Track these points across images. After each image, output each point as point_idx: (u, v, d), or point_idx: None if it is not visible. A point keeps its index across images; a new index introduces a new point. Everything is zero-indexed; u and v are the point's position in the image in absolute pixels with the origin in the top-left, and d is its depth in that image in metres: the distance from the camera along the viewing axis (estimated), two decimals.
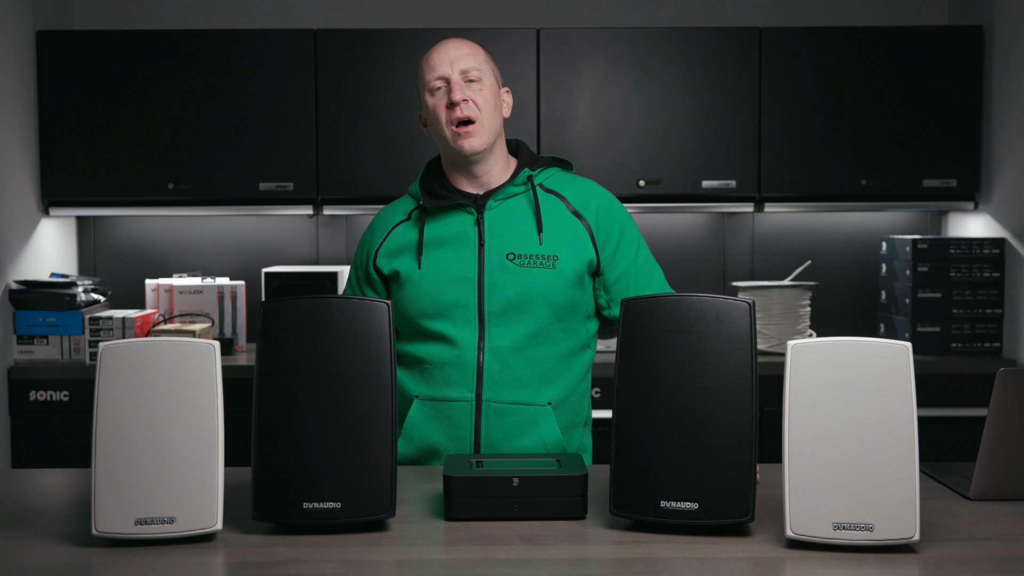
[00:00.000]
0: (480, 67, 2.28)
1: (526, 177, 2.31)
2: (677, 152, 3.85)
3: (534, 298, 2.23)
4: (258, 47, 3.81)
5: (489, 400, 2.22)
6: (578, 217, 2.29)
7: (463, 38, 2.32)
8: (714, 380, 1.74)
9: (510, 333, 2.23)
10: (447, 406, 2.24)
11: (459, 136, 2.25)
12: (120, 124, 3.81)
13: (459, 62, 2.26)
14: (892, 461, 1.66)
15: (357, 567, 1.62)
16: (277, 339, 1.77)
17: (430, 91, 2.28)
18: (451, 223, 2.29)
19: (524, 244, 2.25)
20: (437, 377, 2.25)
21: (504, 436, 2.23)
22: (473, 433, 2.23)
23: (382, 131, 3.82)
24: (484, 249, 2.25)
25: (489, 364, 2.22)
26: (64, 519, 1.87)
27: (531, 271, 2.24)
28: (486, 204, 2.28)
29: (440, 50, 2.29)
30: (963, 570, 1.60)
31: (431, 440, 2.25)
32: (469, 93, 2.26)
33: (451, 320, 2.24)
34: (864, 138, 3.85)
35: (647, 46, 3.83)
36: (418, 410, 2.26)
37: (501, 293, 2.23)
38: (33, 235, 3.80)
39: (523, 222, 2.27)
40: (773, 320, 3.76)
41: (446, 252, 2.26)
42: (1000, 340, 3.82)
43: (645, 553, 1.68)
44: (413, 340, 2.29)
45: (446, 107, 2.26)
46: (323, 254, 4.19)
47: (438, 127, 2.28)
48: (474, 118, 2.25)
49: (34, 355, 3.68)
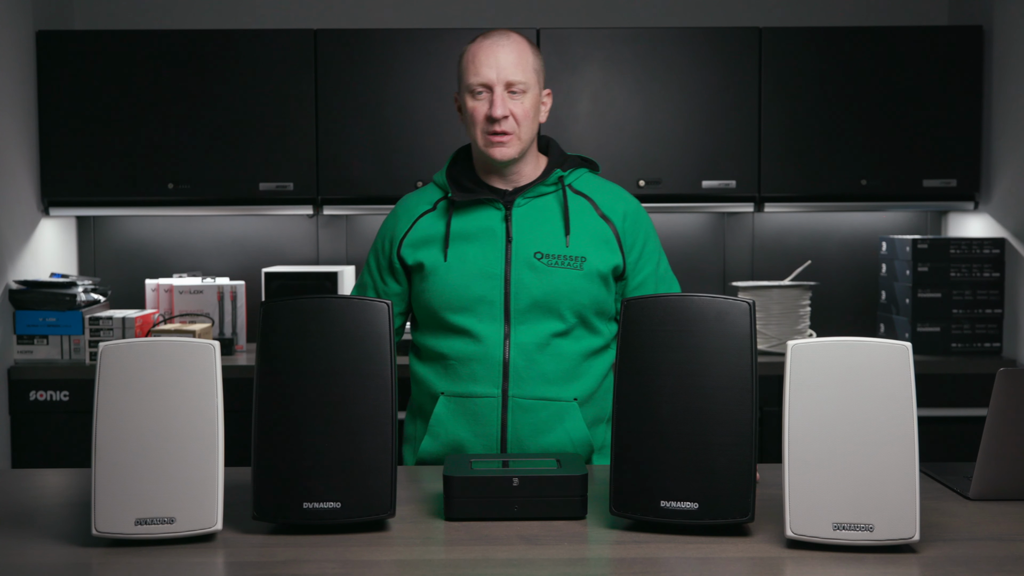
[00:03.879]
0: (526, 79, 2.25)
1: (557, 178, 2.31)
2: (677, 152, 3.85)
3: (560, 298, 2.24)
4: (258, 47, 3.81)
5: (515, 396, 2.23)
6: (606, 221, 2.31)
7: (511, 36, 2.27)
8: (714, 380, 1.74)
9: (535, 330, 2.24)
10: (473, 402, 2.24)
11: (492, 144, 2.25)
12: (120, 124, 3.81)
13: (506, 72, 2.23)
14: (892, 461, 1.66)
15: (357, 567, 1.62)
16: (277, 339, 1.77)
17: (471, 92, 2.26)
18: (478, 217, 2.29)
19: (552, 244, 2.26)
20: (463, 373, 2.25)
21: (531, 432, 2.24)
22: (500, 429, 2.24)
23: (382, 131, 3.82)
24: (511, 246, 2.25)
25: (515, 360, 2.23)
26: (64, 519, 1.87)
27: (559, 271, 2.24)
28: (515, 201, 2.29)
29: (489, 53, 2.25)
30: (963, 570, 1.60)
31: (457, 436, 2.25)
32: (510, 105, 2.24)
33: (476, 315, 2.24)
34: (864, 138, 3.85)
35: (647, 46, 3.83)
36: (444, 407, 2.26)
37: (528, 291, 2.24)
38: (33, 235, 3.80)
39: (551, 222, 2.28)
40: (773, 320, 3.76)
41: (473, 247, 2.26)
42: (1000, 340, 3.82)
43: (645, 553, 1.68)
44: (436, 334, 2.29)
45: (484, 116, 2.25)
46: (323, 254, 4.19)
47: (472, 129, 2.28)
48: (511, 131, 2.25)
49: (34, 355, 3.68)
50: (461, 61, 2.29)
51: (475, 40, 2.29)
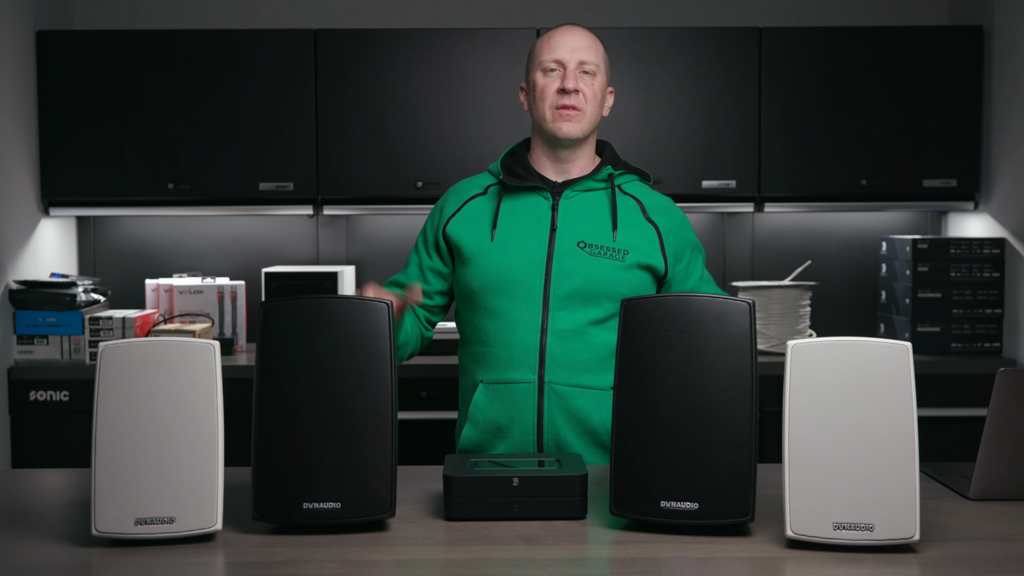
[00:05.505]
0: (598, 62, 2.35)
1: (607, 175, 2.35)
2: (677, 152, 3.85)
3: (601, 287, 2.26)
4: (258, 47, 3.81)
5: (552, 382, 2.25)
6: (651, 224, 2.34)
7: (585, 28, 2.38)
8: (714, 380, 1.74)
9: (573, 318, 2.27)
10: (510, 388, 2.27)
11: (559, 118, 2.31)
12: (120, 124, 3.81)
13: (580, 52, 2.33)
14: (892, 461, 1.66)
15: (357, 567, 1.62)
16: (277, 339, 1.77)
17: (543, 70, 2.34)
18: (526, 204, 2.34)
19: (597, 235, 2.30)
20: (500, 359, 2.27)
21: (567, 419, 2.27)
22: (536, 415, 2.26)
23: (382, 131, 3.82)
24: (555, 235, 2.29)
25: (552, 346, 2.25)
26: (64, 519, 1.87)
27: (600, 261, 2.28)
28: (563, 192, 2.33)
29: (564, 35, 2.35)
30: (963, 570, 1.60)
31: (496, 422, 2.28)
32: (581, 84, 2.32)
33: (515, 300, 2.27)
34: (864, 138, 3.85)
35: (647, 46, 3.83)
36: (483, 394, 2.29)
37: (569, 278, 2.27)
38: (33, 235, 3.80)
39: (598, 216, 2.32)
40: (773, 320, 3.76)
41: (517, 231, 2.31)
42: (1000, 340, 3.82)
43: (645, 553, 1.68)
44: (475, 318, 2.32)
45: (556, 91, 2.31)
46: (323, 254, 4.19)
47: (540, 105, 2.34)
48: (579, 107, 2.31)
49: (34, 355, 3.68)
50: (535, 47, 2.38)
51: (548, 30, 2.40)
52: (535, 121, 2.37)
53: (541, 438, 2.27)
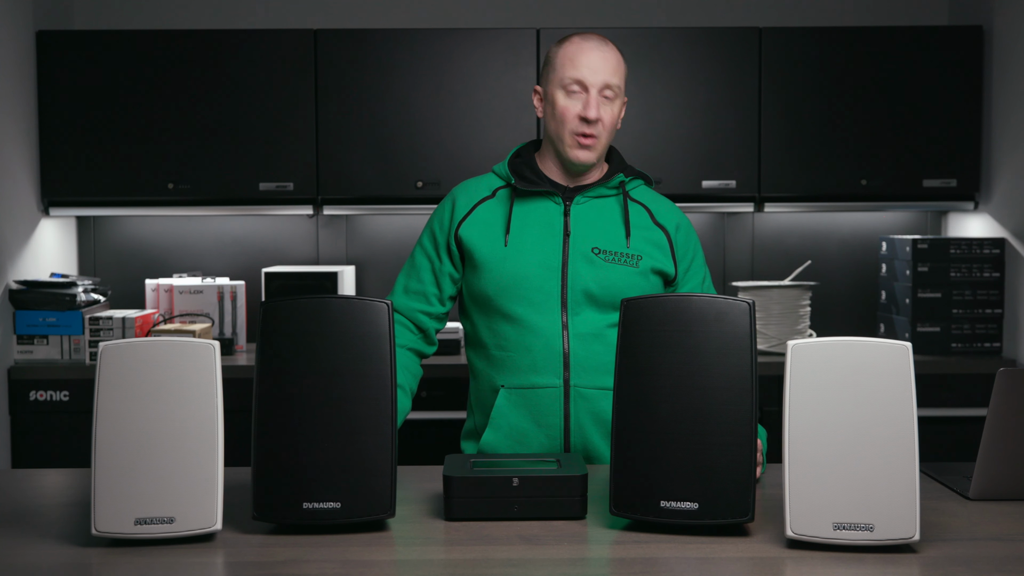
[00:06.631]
0: (620, 84, 2.30)
1: (618, 183, 2.35)
2: (677, 152, 3.85)
3: (616, 293, 2.26)
4: (258, 47, 3.81)
5: (577, 385, 2.26)
6: (660, 228, 2.34)
7: (610, 43, 2.30)
8: (714, 380, 1.74)
9: (591, 320, 2.27)
10: (535, 393, 2.27)
11: (577, 145, 2.28)
12: (120, 124, 3.81)
13: (603, 74, 2.27)
14: (892, 461, 1.66)
15: (357, 567, 1.62)
16: (277, 339, 1.77)
17: (564, 88, 2.28)
18: (538, 209, 2.32)
19: (610, 241, 2.30)
20: (523, 364, 2.26)
21: (593, 421, 2.27)
22: (563, 419, 2.26)
23: (382, 131, 3.82)
24: (569, 240, 2.29)
25: (575, 349, 2.25)
26: (64, 519, 1.87)
27: (615, 267, 2.28)
28: (575, 198, 2.32)
29: (589, 53, 2.28)
30: (963, 570, 1.60)
31: (520, 427, 2.27)
32: (602, 111, 2.27)
33: (532, 305, 2.26)
34: (864, 138, 3.85)
35: (647, 46, 3.83)
36: (505, 399, 2.28)
37: (584, 283, 2.27)
38: (33, 235, 3.80)
39: (610, 222, 2.32)
40: (773, 320, 3.76)
41: (531, 237, 2.29)
42: (1000, 340, 3.82)
43: (645, 553, 1.68)
44: (491, 322, 2.30)
45: (577, 115, 2.27)
46: (323, 254, 4.19)
47: (558, 127, 2.30)
48: (597, 135, 2.28)
49: (34, 355, 3.68)
50: (556, 56, 2.30)
51: (570, 38, 2.31)
52: (549, 134, 2.33)
53: (568, 441, 2.27)
